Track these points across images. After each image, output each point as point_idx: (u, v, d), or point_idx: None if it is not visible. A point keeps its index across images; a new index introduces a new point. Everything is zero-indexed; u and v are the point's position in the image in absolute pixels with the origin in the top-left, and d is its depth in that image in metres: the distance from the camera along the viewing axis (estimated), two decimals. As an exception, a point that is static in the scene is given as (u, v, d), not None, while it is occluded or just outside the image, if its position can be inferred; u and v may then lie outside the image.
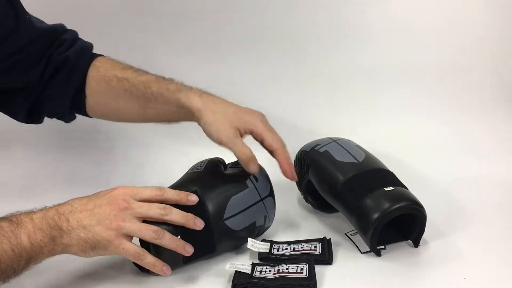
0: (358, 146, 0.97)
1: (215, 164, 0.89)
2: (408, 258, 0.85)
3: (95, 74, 0.94)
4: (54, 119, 1.00)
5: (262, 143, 0.86)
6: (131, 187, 0.77)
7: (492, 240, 0.89)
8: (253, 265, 0.80)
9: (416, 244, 0.86)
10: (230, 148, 0.83)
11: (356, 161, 0.91)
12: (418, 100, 1.34)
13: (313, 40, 1.38)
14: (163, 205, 0.77)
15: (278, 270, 0.79)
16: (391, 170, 0.91)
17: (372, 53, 1.38)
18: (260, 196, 0.86)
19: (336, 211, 0.91)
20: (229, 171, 0.88)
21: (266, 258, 0.84)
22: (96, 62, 0.96)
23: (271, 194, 0.88)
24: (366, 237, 0.84)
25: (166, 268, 0.76)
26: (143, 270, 0.81)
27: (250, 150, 0.83)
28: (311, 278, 0.77)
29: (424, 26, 1.37)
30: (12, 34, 0.87)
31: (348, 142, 0.98)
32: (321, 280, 0.79)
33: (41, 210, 0.74)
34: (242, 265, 0.80)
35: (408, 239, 0.87)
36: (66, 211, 0.73)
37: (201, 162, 0.90)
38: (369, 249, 0.85)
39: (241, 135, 0.85)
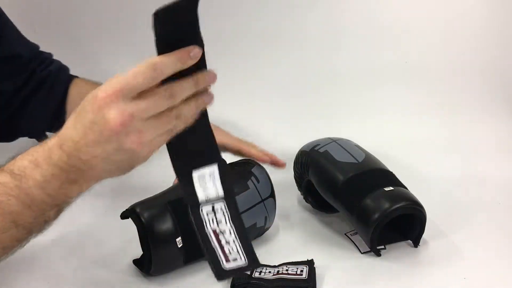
0: (358, 146, 0.97)
1: None
2: (408, 258, 0.85)
3: (78, 91, 0.95)
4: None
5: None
6: (117, 82, 0.56)
7: (492, 240, 0.89)
8: (253, 266, 0.80)
9: (416, 244, 0.86)
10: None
11: (356, 161, 0.91)
12: (418, 100, 1.34)
13: (313, 40, 1.38)
14: (167, 91, 0.57)
15: (278, 271, 0.79)
16: (391, 170, 0.91)
17: (372, 53, 1.38)
18: (261, 197, 0.86)
19: (336, 211, 0.91)
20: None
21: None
22: (77, 81, 0.97)
23: (272, 195, 0.87)
24: (366, 237, 0.84)
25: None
26: (143, 270, 0.81)
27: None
28: (310, 280, 0.77)
29: (424, 26, 1.38)
30: None
31: (348, 142, 0.98)
32: (321, 280, 0.79)
33: (42, 146, 0.61)
34: (242, 265, 0.80)
35: (408, 239, 0.87)
36: (71, 148, 0.59)
37: None
38: (369, 249, 0.85)
39: None
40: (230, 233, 0.65)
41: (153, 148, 0.60)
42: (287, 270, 0.79)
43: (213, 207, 0.65)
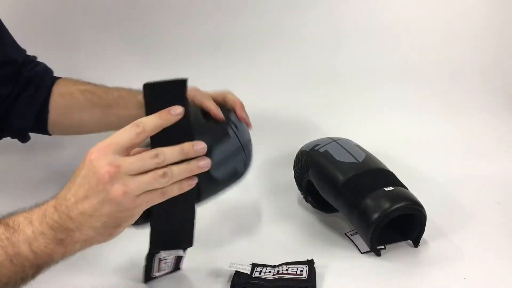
0: (358, 146, 0.97)
1: (194, 114, 0.81)
2: (408, 258, 0.85)
3: (59, 89, 0.98)
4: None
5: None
6: (105, 143, 0.63)
7: (492, 240, 0.89)
8: (253, 266, 0.80)
9: (416, 244, 0.86)
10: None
11: (356, 161, 0.91)
12: (418, 100, 1.34)
13: (313, 40, 1.39)
14: (153, 151, 0.63)
15: (278, 271, 0.79)
16: (391, 170, 0.91)
17: (372, 53, 1.38)
18: (240, 143, 0.83)
19: (336, 211, 0.91)
20: (209, 118, 0.84)
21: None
22: (60, 81, 1.00)
23: (249, 139, 0.86)
24: (366, 237, 0.84)
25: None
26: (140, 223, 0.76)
27: None
28: (310, 280, 0.77)
29: (424, 26, 1.38)
30: None
31: (348, 142, 0.98)
32: (321, 280, 0.79)
33: (39, 207, 0.64)
34: (242, 265, 0.80)
35: (408, 239, 0.87)
36: (62, 207, 0.62)
37: None
38: (369, 249, 0.85)
39: None
40: (170, 262, 0.79)
41: (139, 204, 0.63)
42: (287, 270, 0.79)
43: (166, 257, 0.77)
